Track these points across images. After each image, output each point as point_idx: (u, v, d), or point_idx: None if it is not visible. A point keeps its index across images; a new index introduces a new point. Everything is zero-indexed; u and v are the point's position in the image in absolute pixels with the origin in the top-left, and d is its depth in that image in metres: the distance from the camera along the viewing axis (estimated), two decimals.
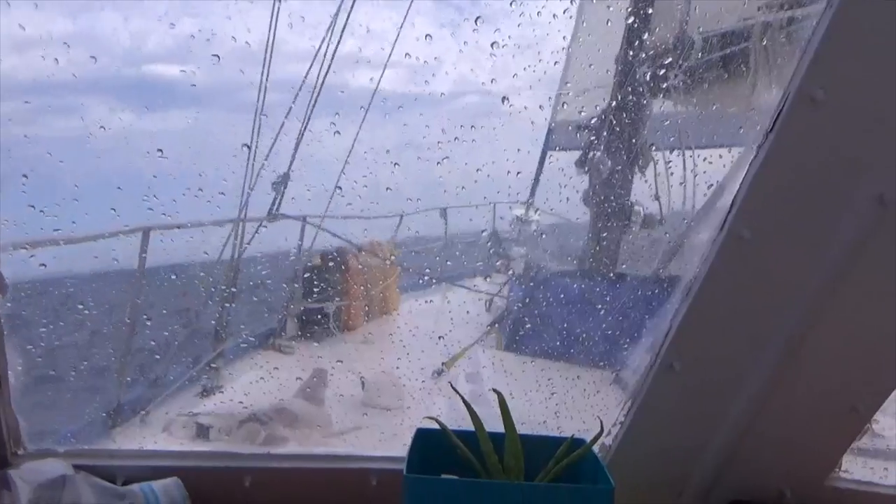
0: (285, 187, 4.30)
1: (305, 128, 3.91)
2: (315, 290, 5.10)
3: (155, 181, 1.83)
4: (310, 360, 4.38)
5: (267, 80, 3.59)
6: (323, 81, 3.70)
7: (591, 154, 4.46)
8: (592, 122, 4.34)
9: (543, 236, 5.65)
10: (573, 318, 4.09)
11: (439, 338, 4.05)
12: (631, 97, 3.96)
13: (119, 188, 1.81)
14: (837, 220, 1.18)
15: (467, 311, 5.07)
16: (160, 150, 1.77)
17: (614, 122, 4.13)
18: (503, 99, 2.08)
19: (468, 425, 1.26)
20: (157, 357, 3.90)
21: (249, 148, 3.50)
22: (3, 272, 1.23)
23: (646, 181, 4.37)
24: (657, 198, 4.42)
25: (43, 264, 1.70)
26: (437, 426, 1.27)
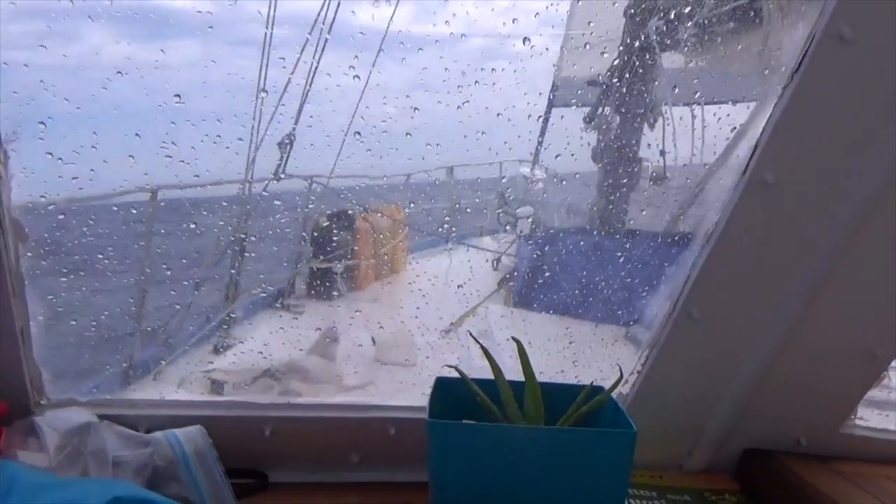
0: (291, 147, 4.28)
1: (311, 83, 3.87)
2: (323, 249, 5.12)
3: (173, 128, 1.81)
4: (319, 319, 4.41)
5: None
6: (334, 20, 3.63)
7: (601, 110, 4.42)
8: (601, 77, 4.30)
9: (551, 193, 5.63)
10: (584, 274, 4.09)
11: (450, 295, 4.06)
12: (641, 51, 3.91)
13: (137, 135, 1.80)
14: (863, 163, 1.16)
15: (476, 270, 5.09)
16: (178, 96, 1.75)
17: (625, 75, 4.08)
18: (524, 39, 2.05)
19: (484, 378, 1.27)
20: (173, 313, 3.92)
21: (266, 92, 3.46)
22: (23, 222, 1.23)
23: (654, 136, 4.33)
24: (662, 153, 4.39)
25: (62, 213, 1.70)
26: (456, 375, 1.28)
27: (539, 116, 4.56)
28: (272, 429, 1.46)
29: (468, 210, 6.25)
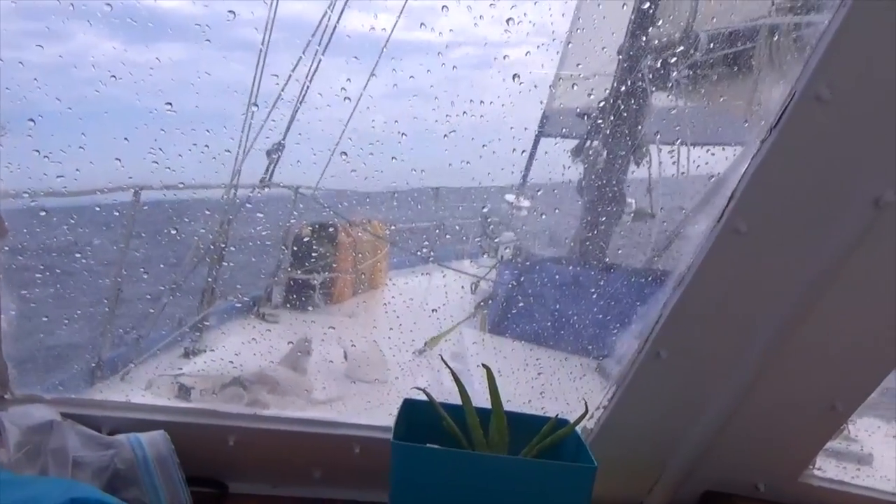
0: (280, 156, 4.29)
1: (304, 96, 3.89)
2: (303, 260, 5.11)
3: (162, 135, 1.82)
4: (294, 330, 4.39)
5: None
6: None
7: (589, 143, 4.47)
8: (592, 111, 4.35)
9: (534, 222, 5.66)
10: (560, 305, 4.12)
11: (426, 316, 4.07)
12: (632, 89, 3.97)
13: (126, 139, 1.80)
14: (833, 219, 1.19)
15: (454, 293, 5.09)
16: (169, 104, 1.76)
17: (614, 113, 4.14)
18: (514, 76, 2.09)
19: (452, 402, 1.28)
20: (146, 315, 3.89)
21: (257, 106, 3.47)
22: (3, 216, 1.23)
23: (637, 173, 4.39)
24: (649, 191, 4.44)
25: (44, 210, 1.70)
26: (424, 398, 1.29)
27: (523, 151, 4.61)
28: (236, 439, 1.46)
29: (448, 236, 6.28)
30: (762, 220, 1.20)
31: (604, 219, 4.55)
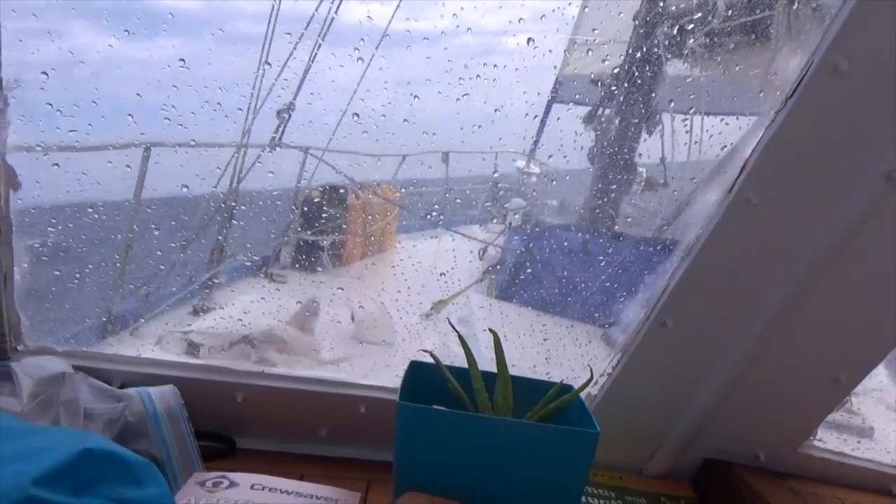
0: (290, 117, 4.27)
1: (314, 57, 3.86)
2: (313, 222, 5.12)
3: (175, 91, 1.81)
4: (303, 291, 4.42)
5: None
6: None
7: (601, 111, 4.43)
8: (605, 78, 4.31)
9: (543, 189, 5.65)
10: (568, 272, 4.12)
11: (434, 280, 4.08)
12: (647, 57, 3.92)
13: (138, 94, 1.80)
14: (844, 193, 1.19)
15: (462, 257, 5.10)
16: (182, 60, 1.75)
17: (627, 80, 4.10)
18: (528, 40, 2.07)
19: (458, 365, 1.29)
20: (156, 272, 3.92)
21: (269, 65, 3.45)
22: (17, 168, 1.24)
23: (648, 141, 4.35)
24: (662, 161, 4.41)
25: (56, 164, 1.70)
26: (430, 360, 1.30)
27: (535, 116, 4.58)
28: (244, 396, 1.48)
29: (458, 200, 6.27)
30: (774, 192, 1.20)
31: (614, 187, 4.53)
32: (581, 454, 1.14)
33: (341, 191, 5.20)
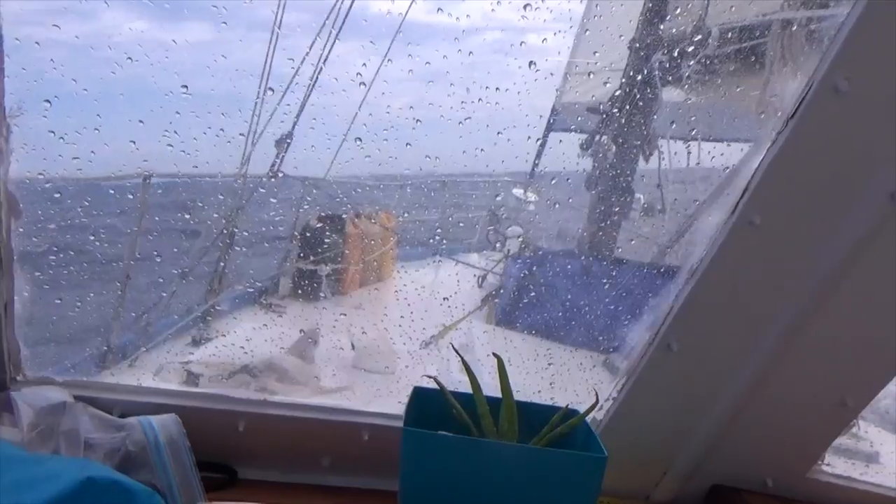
0: (288, 147, 4.28)
1: (316, 80, 3.87)
2: (312, 251, 5.11)
3: (177, 117, 1.82)
4: (302, 320, 4.41)
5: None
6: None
7: (598, 138, 4.45)
8: (601, 106, 4.33)
9: (542, 216, 5.66)
10: (568, 299, 4.12)
11: (435, 307, 4.07)
12: (643, 83, 3.95)
13: (141, 122, 1.80)
14: (847, 213, 1.19)
15: (463, 284, 5.10)
16: (185, 87, 1.76)
17: (624, 107, 4.12)
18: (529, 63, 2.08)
19: (462, 391, 1.28)
20: (156, 301, 3.90)
21: (272, 90, 3.46)
22: (19, 197, 1.24)
23: (648, 167, 4.37)
24: (659, 187, 4.43)
25: (58, 192, 1.70)
26: (434, 386, 1.29)
27: (537, 139, 4.59)
28: (246, 424, 1.46)
29: (460, 224, 6.28)
30: (777, 213, 1.20)
31: (614, 212, 4.54)
32: (589, 478, 1.12)
33: (342, 216, 5.21)
